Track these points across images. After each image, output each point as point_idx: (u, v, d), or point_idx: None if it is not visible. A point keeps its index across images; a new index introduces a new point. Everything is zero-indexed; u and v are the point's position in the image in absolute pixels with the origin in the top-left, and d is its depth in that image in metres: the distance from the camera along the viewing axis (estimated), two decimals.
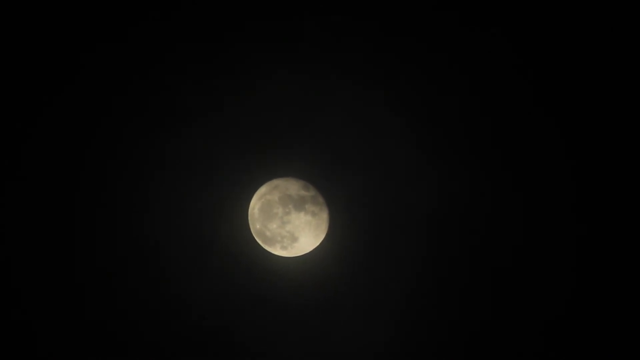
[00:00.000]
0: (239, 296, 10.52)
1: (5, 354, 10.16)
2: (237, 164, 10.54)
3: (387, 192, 10.54)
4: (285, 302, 10.49)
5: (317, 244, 10.52)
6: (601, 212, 10.34)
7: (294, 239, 10.42)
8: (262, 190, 10.50)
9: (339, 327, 10.50)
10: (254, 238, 10.52)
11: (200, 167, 10.53)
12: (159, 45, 10.40)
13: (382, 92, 10.47)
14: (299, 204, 10.40)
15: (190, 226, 10.51)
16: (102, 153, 10.46)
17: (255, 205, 10.50)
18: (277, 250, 10.48)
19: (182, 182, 10.52)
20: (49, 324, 10.30)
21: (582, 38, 10.38)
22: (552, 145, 10.44)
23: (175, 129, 10.50)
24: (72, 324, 10.32)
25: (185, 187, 10.53)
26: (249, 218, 10.53)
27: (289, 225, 10.40)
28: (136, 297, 10.41)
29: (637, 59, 10.34)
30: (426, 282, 10.48)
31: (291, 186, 10.47)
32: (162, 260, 10.46)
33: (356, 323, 10.51)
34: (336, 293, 10.52)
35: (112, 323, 10.36)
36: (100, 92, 10.45)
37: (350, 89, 10.47)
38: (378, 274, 10.52)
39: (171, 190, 10.51)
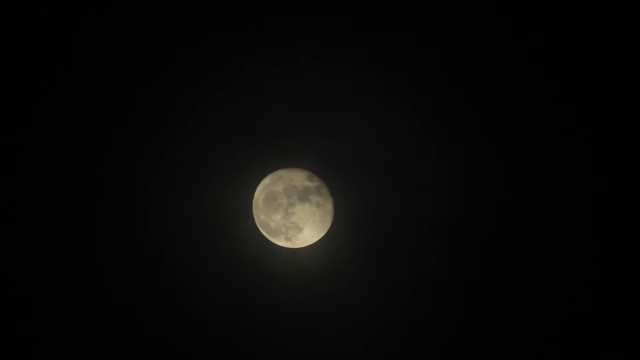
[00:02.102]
0: (243, 287, 10.51)
1: (8, 355, 10.20)
2: (241, 155, 10.50)
3: (391, 184, 10.50)
4: (289, 293, 10.49)
5: (322, 235, 10.49)
6: (603, 212, 10.32)
7: (298, 230, 10.39)
8: (267, 181, 10.45)
9: (343, 319, 10.51)
10: (258, 229, 10.49)
11: (204, 159, 10.48)
12: (162, 44, 10.33)
13: (385, 86, 10.41)
14: (304, 195, 10.36)
15: (194, 218, 10.49)
16: (103, 153, 10.42)
17: (259, 196, 10.45)
18: (282, 242, 10.45)
19: (186, 173, 10.48)
20: (49, 324, 10.31)
21: (589, 38, 10.30)
22: (558, 148, 10.40)
23: (179, 121, 10.47)
24: (71, 323, 10.33)
25: (189, 179, 10.49)
26: (253, 209, 10.48)
27: (294, 217, 10.36)
28: (137, 294, 10.41)
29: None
30: (429, 276, 10.48)
31: (296, 177, 10.42)
32: (163, 254, 10.45)
33: (361, 315, 10.51)
34: (340, 284, 10.52)
35: (113, 323, 10.36)
36: (100, 92, 10.38)
37: (352, 83, 10.41)
38: (383, 266, 10.51)
39: (175, 182, 10.48)
